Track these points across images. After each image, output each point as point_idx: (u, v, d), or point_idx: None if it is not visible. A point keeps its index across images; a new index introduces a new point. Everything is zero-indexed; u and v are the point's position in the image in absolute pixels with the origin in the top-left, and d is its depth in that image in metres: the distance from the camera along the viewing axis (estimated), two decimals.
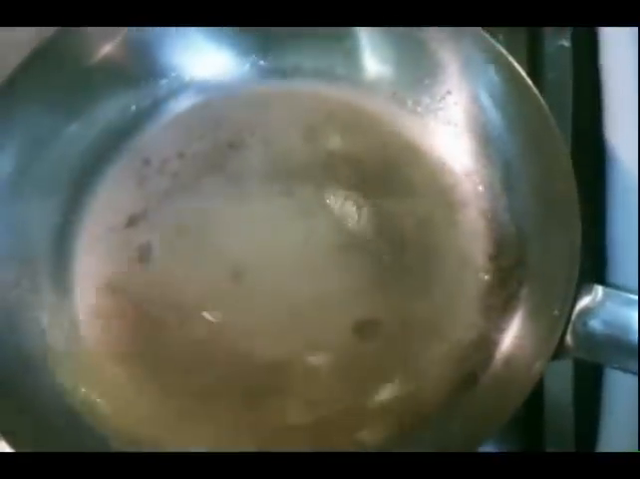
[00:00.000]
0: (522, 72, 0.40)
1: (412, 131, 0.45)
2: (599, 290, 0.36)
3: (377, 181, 0.45)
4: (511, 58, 0.40)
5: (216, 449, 0.39)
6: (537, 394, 0.41)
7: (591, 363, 0.39)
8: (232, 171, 0.45)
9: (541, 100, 0.39)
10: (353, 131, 0.46)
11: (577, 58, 0.47)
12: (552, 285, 0.38)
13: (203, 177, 0.45)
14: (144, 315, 0.42)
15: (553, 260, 0.38)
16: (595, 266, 0.44)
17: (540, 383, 0.41)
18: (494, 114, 0.42)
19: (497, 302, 0.42)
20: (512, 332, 0.40)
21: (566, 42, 0.47)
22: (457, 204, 0.44)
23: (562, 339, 0.36)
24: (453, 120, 0.45)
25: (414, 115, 0.45)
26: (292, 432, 0.40)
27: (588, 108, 0.46)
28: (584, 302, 0.36)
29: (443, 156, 0.45)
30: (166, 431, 0.40)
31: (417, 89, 0.45)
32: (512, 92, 0.41)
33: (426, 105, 0.45)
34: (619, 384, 0.42)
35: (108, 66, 0.45)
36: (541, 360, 0.36)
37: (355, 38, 0.45)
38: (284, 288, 0.43)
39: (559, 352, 0.36)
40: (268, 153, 0.45)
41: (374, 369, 0.41)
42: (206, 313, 0.42)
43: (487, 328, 0.41)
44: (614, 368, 0.39)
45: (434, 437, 0.39)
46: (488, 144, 0.43)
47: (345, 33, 0.45)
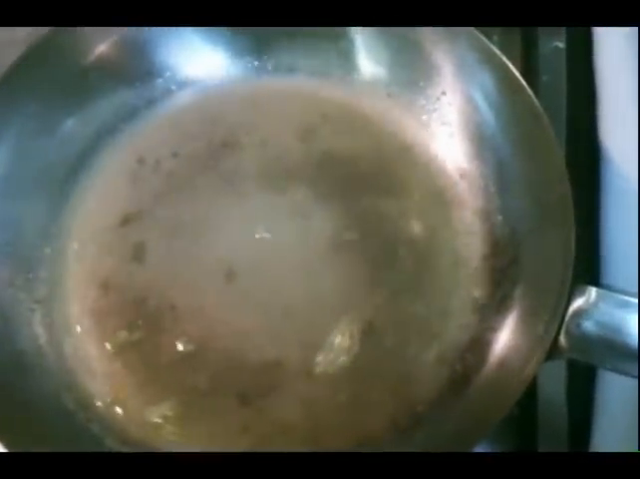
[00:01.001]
0: (517, 73, 0.40)
1: (406, 131, 0.45)
2: (593, 292, 0.36)
3: (371, 181, 0.45)
4: (506, 59, 0.40)
5: (211, 449, 0.39)
6: (531, 395, 0.41)
7: (585, 364, 0.39)
8: (227, 170, 0.45)
9: (535, 101, 0.39)
10: (347, 131, 0.46)
11: (572, 59, 0.47)
12: (546, 286, 0.38)
13: (198, 176, 0.45)
14: (138, 314, 0.42)
15: (547, 261, 0.38)
16: (589, 268, 0.44)
17: (534, 383, 0.41)
18: (489, 115, 0.42)
19: (491, 303, 0.42)
20: (506, 333, 0.40)
21: (561, 43, 0.47)
22: (451, 204, 0.44)
23: (556, 340, 0.36)
24: (447, 120, 0.45)
25: (408, 115, 0.46)
26: (287, 432, 0.40)
27: (583, 109, 0.46)
28: (578, 304, 0.36)
29: (437, 156, 0.45)
30: (161, 431, 0.40)
31: (411, 90, 0.45)
32: (507, 93, 0.41)
33: (420, 106, 0.45)
34: (612, 385, 0.42)
35: (103, 65, 0.45)
36: (535, 361, 0.36)
37: (350, 39, 0.45)
38: (278, 288, 0.43)
39: (553, 353, 0.36)
40: (263, 153, 0.45)
41: (368, 369, 0.41)
42: (200, 313, 0.42)
43: (481, 329, 0.41)
44: (607, 370, 0.39)
45: (427, 437, 0.39)
46: (483, 145, 0.43)
47: (340, 34, 0.45)
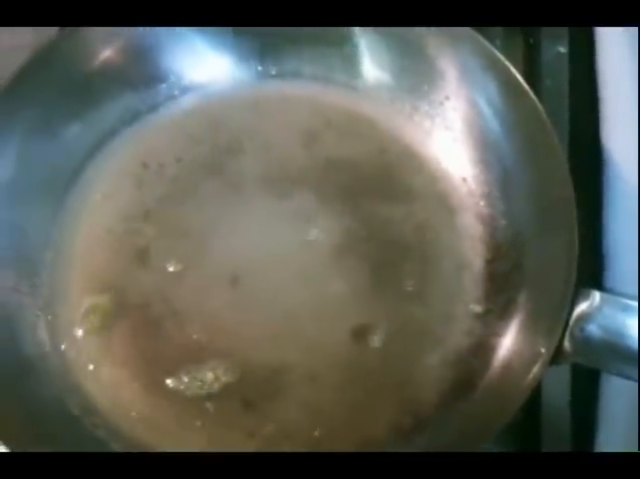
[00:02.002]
0: (520, 78, 0.40)
1: (410, 136, 0.45)
2: (597, 296, 0.36)
3: (375, 186, 0.45)
4: (509, 64, 0.40)
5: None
6: (535, 398, 0.41)
7: (588, 368, 0.39)
8: (230, 175, 0.45)
9: (539, 105, 0.39)
10: (351, 136, 0.46)
11: (574, 64, 0.47)
12: (550, 291, 0.38)
13: (202, 181, 0.45)
14: (142, 318, 0.42)
15: (551, 266, 0.38)
16: (593, 272, 0.44)
17: (538, 387, 0.41)
18: (492, 119, 0.42)
19: (495, 307, 0.42)
20: (510, 337, 0.40)
21: (563, 48, 0.47)
22: (454, 208, 0.44)
23: (560, 345, 0.36)
24: (451, 125, 0.45)
25: (412, 120, 0.46)
26: (291, 436, 0.40)
27: (585, 113, 0.46)
28: (582, 308, 0.36)
29: (441, 161, 0.45)
30: (164, 434, 0.40)
31: (415, 95, 0.45)
32: (510, 98, 0.41)
33: (424, 111, 0.45)
34: (616, 388, 0.42)
35: (107, 70, 0.45)
36: (539, 366, 0.36)
37: (354, 44, 0.45)
38: (282, 293, 0.43)
39: (557, 358, 0.36)
40: (266, 158, 0.46)
41: (371, 374, 0.41)
42: (204, 318, 0.42)
43: (485, 333, 0.41)
44: (611, 374, 0.39)
45: (430, 442, 0.39)
46: (486, 149, 0.43)
47: (344, 39, 0.45)
